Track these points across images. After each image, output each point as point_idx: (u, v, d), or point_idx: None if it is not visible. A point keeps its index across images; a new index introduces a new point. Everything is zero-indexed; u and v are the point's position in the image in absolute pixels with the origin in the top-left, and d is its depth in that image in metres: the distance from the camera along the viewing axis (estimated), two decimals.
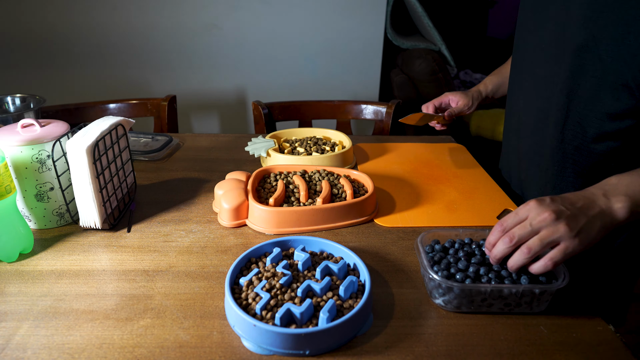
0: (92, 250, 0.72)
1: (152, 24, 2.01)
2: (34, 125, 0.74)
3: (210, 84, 2.14)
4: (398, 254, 0.72)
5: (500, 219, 0.81)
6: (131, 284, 0.65)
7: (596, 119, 0.65)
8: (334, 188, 0.84)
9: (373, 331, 0.57)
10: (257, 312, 0.55)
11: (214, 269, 0.68)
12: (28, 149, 0.71)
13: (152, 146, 1.09)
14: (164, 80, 2.12)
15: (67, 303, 0.61)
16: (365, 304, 0.56)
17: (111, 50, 2.04)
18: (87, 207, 0.74)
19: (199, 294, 0.63)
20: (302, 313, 0.53)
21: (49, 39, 1.99)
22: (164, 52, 2.07)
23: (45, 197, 0.75)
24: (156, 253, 0.72)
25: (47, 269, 0.68)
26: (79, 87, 2.09)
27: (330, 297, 0.57)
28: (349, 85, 2.19)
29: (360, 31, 2.09)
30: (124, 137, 0.83)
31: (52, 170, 0.74)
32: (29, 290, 0.63)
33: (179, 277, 0.66)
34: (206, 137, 1.21)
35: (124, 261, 0.70)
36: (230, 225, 0.79)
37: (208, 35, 2.05)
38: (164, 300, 0.61)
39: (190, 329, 0.57)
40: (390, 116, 1.39)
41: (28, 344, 0.54)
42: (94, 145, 0.71)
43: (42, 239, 0.75)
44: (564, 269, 0.60)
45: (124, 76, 2.09)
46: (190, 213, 0.83)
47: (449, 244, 0.67)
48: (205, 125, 2.24)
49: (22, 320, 0.58)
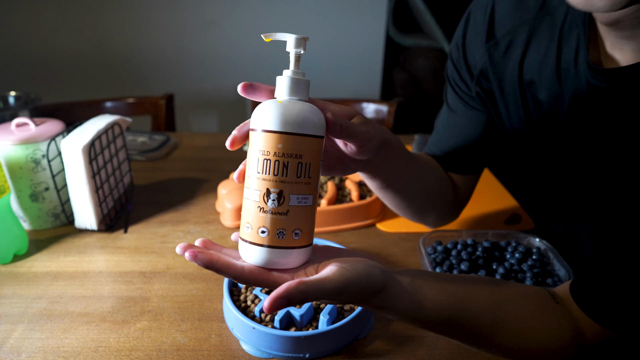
0: (88, 252, 0.71)
1: (150, 20, 2.00)
2: (28, 124, 0.73)
3: (208, 82, 2.13)
4: (400, 256, 0.71)
5: (507, 223, 0.80)
6: (128, 286, 0.64)
7: None
8: (340, 190, 0.84)
9: (374, 334, 0.56)
10: (256, 315, 0.54)
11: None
12: (22, 149, 0.70)
13: (150, 145, 1.08)
14: (162, 79, 2.10)
15: (63, 305, 0.60)
16: None
17: (108, 49, 2.03)
18: (83, 208, 0.73)
19: (197, 296, 0.62)
20: (301, 315, 0.53)
21: (46, 37, 1.98)
22: (161, 50, 2.05)
23: (40, 197, 0.74)
24: (153, 254, 0.71)
25: (42, 270, 0.67)
26: (75, 85, 2.08)
27: None
28: (350, 84, 2.17)
29: (362, 29, 2.08)
30: (120, 137, 0.81)
31: (47, 170, 0.73)
32: (23, 292, 0.62)
33: (177, 278, 0.65)
34: (204, 136, 1.20)
35: (120, 263, 0.69)
36: (234, 225, 0.78)
37: (207, 32, 2.04)
38: (161, 303, 0.60)
39: (188, 331, 0.56)
40: (393, 115, 1.38)
41: (22, 347, 0.53)
42: (90, 145, 0.70)
43: (37, 240, 0.74)
44: (569, 270, 0.59)
45: (121, 74, 2.08)
46: (189, 213, 0.82)
47: (451, 245, 0.66)
48: (203, 124, 2.22)
49: (16, 323, 0.57)
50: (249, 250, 0.36)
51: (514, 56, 0.55)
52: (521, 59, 0.55)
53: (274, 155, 0.35)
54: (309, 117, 0.35)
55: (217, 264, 0.35)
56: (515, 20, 0.55)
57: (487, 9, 0.58)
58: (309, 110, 0.36)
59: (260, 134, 0.35)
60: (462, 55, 0.61)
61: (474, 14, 0.60)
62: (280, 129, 0.35)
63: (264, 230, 0.36)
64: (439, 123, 0.67)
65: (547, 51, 0.52)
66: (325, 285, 0.35)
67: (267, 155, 0.35)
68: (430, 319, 0.39)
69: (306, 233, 0.37)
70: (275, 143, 0.35)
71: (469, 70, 0.61)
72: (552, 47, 0.52)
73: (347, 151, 0.42)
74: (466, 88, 0.62)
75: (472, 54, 0.59)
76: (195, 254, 0.34)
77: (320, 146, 0.37)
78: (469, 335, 0.42)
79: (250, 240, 0.36)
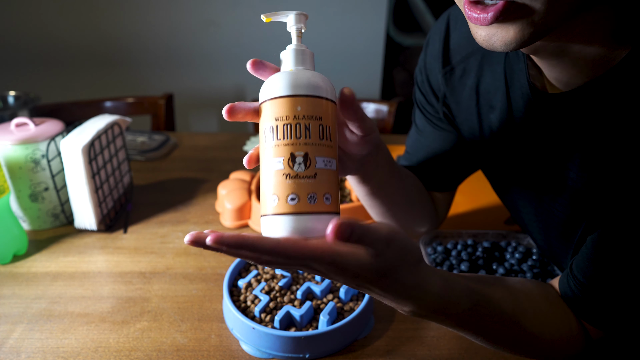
0: (88, 252, 0.71)
1: (149, 20, 2.00)
2: (28, 124, 0.73)
3: (208, 82, 2.12)
4: None
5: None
6: (127, 286, 0.63)
7: None
8: (340, 190, 0.83)
9: (374, 334, 0.56)
10: (256, 315, 0.54)
11: (212, 270, 0.67)
12: (22, 149, 0.70)
13: (149, 145, 1.08)
14: (161, 78, 2.10)
15: (62, 306, 0.60)
16: (366, 306, 0.55)
17: (107, 48, 2.03)
18: (82, 208, 0.73)
19: (197, 296, 0.62)
20: (301, 316, 0.53)
21: (44, 36, 1.98)
22: (161, 49, 2.05)
23: (39, 197, 0.74)
24: (153, 255, 0.71)
25: (42, 270, 0.66)
26: (74, 85, 2.07)
27: (331, 300, 0.56)
28: (350, 83, 2.17)
29: (362, 28, 2.08)
30: (120, 136, 0.81)
31: (47, 170, 0.73)
32: (23, 292, 0.62)
33: (176, 279, 0.65)
34: (204, 136, 1.20)
35: (120, 263, 0.69)
36: (233, 225, 0.78)
37: (206, 32, 2.04)
38: (160, 303, 0.60)
39: (188, 332, 0.56)
40: (392, 115, 1.38)
41: (22, 347, 0.53)
42: (89, 145, 0.70)
43: (36, 240, 0.74)
44: None
45: (120, 74, 2.08)
46: (188, 214, 0.82)
47: (451, 246, 0.66)
48: (203, 124, 2.22)
49: (16, 323, 0.57)
50: (278, 222, 0.33)
51: (469, 82, 0.57)
52: (476, 85, 0.56)
53: (294, 118, 0.34)
54: (323, 81, 0.36)
55: (248, 239, 0.29)
56: (469, 47, 0.56)
57: (442, 35, 0.59)
58: (321, 76, 0.36)
59: (275, 102, 0.34)
60: (425, 79, 0.62)
61: (432, 40, 0.61)
62: (298, 92, 0.34)
63: (293, 197, 0.33)
64: (409, 143, 0.68)
65: (498, 76, 0.53)
66: (378, 230, 0.31)
67: (287, 120, 0.34)
68: (462, 304, 0.38)
69: (335, 199, 0.35)
70: (294, 106, 0.34)
71: (434, 92, 0.62)
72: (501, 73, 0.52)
73: (350, 138, 0.42)
74: (433, 110, 0.63)
75: (435, 77, 0.61)
76: (221, 235, 0.29)
77: (335, 112, 0.36)
78: (495, 325, 0.41)
79: (279, 212, 0.33)
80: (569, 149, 0.46)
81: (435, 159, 0.64)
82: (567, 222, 0.49)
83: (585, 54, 0.40)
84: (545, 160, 0.49)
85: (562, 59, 0.42)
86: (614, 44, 0.39)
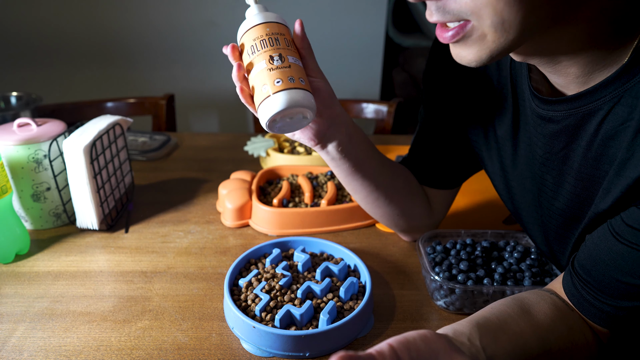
0: (89, 251, 0.71)
1: (150, 21, 2.00)
2: (30, 125, 0.73)
3: (209, 83, 2.13)
4: (399, 255, 0.72)
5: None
6: (129, 286, 0.64)
7: None
8: (340, 190, 0.84)
9: (374, 333, 0.56)
10: (257, 314, 0.54)
11: (213, 270, 0.68)
12: (24, 149, 0.70)
13: (150, 146, 1.08)
14: (162, 79, 2.10)
15: (64, 305, 0.60)
16: (366, 305, 0.55)
17: (108, 48, 2.03)
18: (84, 208, 0.73)
19: (198, 295, 0.62)
20: (302, 315, 0.53)
21: (45, 36, 1.98)
22: (162, 50, 2.05)
23: (41, 197, 0.74)
24: (154, 254, 0.71)
25: (44, 270, 0.67)
26: (76, 85, 2.08)
27: (331, 299, 0.57)
28: (349, 84, 2.18)
29: (361, 29, 2.08)
30: (121, 137, 0.82)
31: (49, 170, 0.73)
32: (25, 291, 0.62)
33: (178, 278, 0.66)
34: (205, 136, 1.20)
35: (121, 262, 0.69)
36: (234, 225, 0.78)
37: (207, 32, 2.04)
38: (162, 302, 0.61)
39: (189, 330, 0.56)
40: (392, 115, 1.38)
41: (24, 346, 0.53)
42: (91, 145, 0.70)
43: (38, 239, 0.74)
44: None
45: (121, 74, 2.08)
46: (189, 213, 0.83)
47: (450, 245, 0.66)
48: (204, 125, 2.22)
49: (18, 322, 0.57)
50: (271, 100, 0.45)
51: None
52: None
53: (266, 35, 0.47)
54: (278, 15, 0.50)
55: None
56: None
57: None
58: (276, 13, 0.50)
59: (252, 30, 0.48)
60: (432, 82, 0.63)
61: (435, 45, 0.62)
62: (263, 20, 0.48)
63: (278, 80, 0.45)
64: (415, 141, 0.69)
65: (504, 80, 0.54)
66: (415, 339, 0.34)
67: (261, 37, 0.47)
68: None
69: (307, 84, 0.48)
70: (264, 29, 0.48)
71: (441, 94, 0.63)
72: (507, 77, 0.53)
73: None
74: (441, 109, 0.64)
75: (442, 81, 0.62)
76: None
77: (290, 35, 0.50)
78: None
79: (270, 93, 0.45)
80: (569, 151, 0.47)
81: (439, 155, 0.65)
82: (567, 222, 0.50)
83: (579, 61, 0.41)
84: (546, 160, 0.50)
85: (556, 67, 0.43)
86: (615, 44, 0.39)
